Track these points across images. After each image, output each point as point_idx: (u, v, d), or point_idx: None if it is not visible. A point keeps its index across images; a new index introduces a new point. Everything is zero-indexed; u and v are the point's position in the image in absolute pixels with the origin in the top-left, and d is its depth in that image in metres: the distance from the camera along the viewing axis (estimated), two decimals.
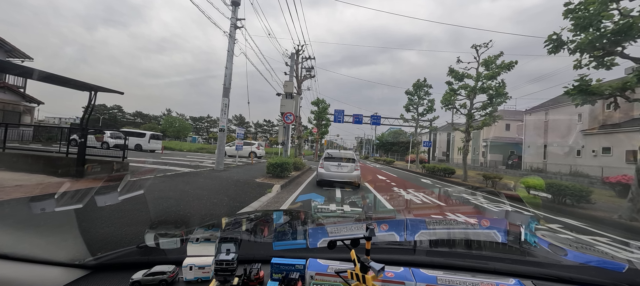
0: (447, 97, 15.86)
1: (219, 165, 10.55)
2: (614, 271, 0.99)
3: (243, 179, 8.46)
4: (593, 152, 20.73)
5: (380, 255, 1.04)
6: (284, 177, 9.40)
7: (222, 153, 10.75)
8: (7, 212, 3.61)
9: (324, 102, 29.84)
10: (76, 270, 0.98)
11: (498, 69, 13.95)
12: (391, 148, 56.82)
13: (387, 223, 1.47)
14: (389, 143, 58.19)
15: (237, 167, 12.69)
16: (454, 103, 15.89)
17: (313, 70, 20.43)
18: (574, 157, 22.35)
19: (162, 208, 4.23)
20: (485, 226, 1.40)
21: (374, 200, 6.95)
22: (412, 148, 28.53)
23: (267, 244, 1.26)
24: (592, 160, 20.48)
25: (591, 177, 17.64)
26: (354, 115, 32.09)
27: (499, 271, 1.01)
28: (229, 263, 0.93)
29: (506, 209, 2.74)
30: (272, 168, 9.30)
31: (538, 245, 1.31)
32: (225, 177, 8.50)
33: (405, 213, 1.83)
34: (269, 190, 6.95)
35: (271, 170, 9.33)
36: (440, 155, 49.46)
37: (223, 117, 10.70)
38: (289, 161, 10.08)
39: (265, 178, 9.03)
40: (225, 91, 10.78)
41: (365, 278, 0.74)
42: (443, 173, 16.32)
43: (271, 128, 76.75)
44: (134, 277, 0.91)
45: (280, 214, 2.15)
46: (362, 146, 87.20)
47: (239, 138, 13.95)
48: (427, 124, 26.58)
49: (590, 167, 19.76)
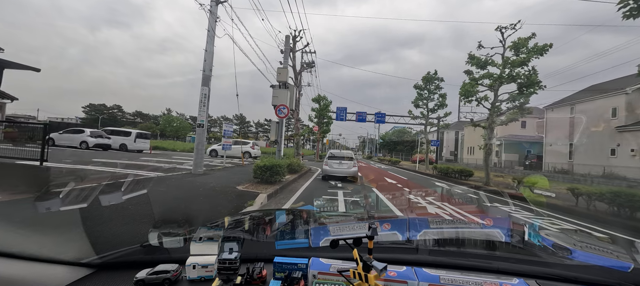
0: (467, 88, 14.08)
1: (196, 167, 9.20)
2: (619, 271, 1.03)
3: (220, 187, 7.12)
4: (632, 151, 18.71)
5: (383, 254, 1.08)
6: (275, 183, 8.12)
7: (201, 154, 9.55)
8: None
9: (325, 99, 29.25)
10: (81, 268, 1.03)
11: (530, 53, 12.24)
12: (395, 148, 57.05)
13: (390, 223, 1.53)
14: (393, 142, 58.37)
15: (223, 169, 11.25)
16: (475, 95, 14.09)
17: (314, 65, 19.53)
18: (607, 157, 20.48)
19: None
20: (488, 225, 1.47)
21: (376, 199, 7.06)
22: (420, 147, 28.10)
23: (270, 243, 1.32)
24: (630, 161, 18.53)
25: (630, 180, 16.40)
26: (358, 113, 31.40)
27: (503, 271, 1.05)
28: (232, 262, 0.97)
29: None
30: (260, 172, 8.08)
31: (542, 244, 1.35)
32: (198, 184, 7.17)
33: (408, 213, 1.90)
34: (251, 203, 5.69)
35: (259, 174, 8.10)
36: (448, 154, 48.47)
37: (202, 110, 9.29)
38: (281, 163, 8.81)
39: (250, 184, 7.76)
40: (204, 79, 9.27)
41: (367, 277, 0.77)
42: (459, 175, 15.03)
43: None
44: (137, 276, 0.95)
45: (283, 213, 2.22)
46: (365, 145, 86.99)
47: (227, 137, 12.62)
48: (439, 121, 25.06)
49: (628, 169, 17.93)
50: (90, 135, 17.86)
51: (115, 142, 19.00)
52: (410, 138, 52.44)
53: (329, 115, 30.56)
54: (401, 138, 56.56)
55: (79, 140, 17.61)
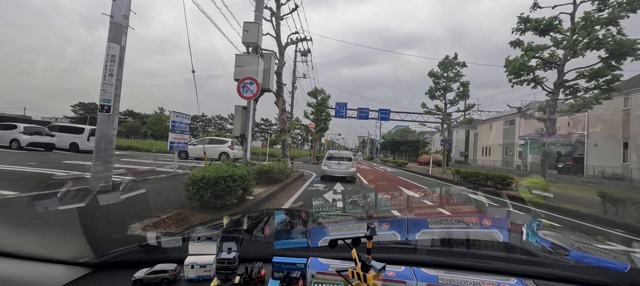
0: (520, 61, 10.27)
1: (96, 180, 5.51)
2: (616, 271, 1.04)
3: (94, 224, 3.68)
4: None
5: (382, 254, 1.09)
6: (229, 206, 4.78)
7: (104, 156, 5.68)
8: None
9: (323, 93, 26.40)
10: (79, 268, 1.04)
11: (622, 6, 8.76)
12: (398, 148, 54.22)
13: (389, 222, 1.54)
14: (395, 142, 55.49)
15: (161, 179, 7.72)
16: (532, 71, 10.38)
17: (309, 53, 17.60)
18: None
19: None
20: (486, 225, 1.49)
21: (374, 199, 6.92)
22: (425, 147, 27.18)
23: (269, 243, 1.32)
24: None
25: None
26: (359, 109, 29.10)
27: (501, 271, 1.06)
28: (231, 262, 0.98)
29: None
30: (196, 191, 4.55)
31: (540, 244, 1.36)
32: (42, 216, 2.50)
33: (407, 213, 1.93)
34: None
35: (194, 193, 4.57)
36: (457, 155, 43.65)
37: (108, 83, 5.61)
38: (238, 172, 5.08)
39: (174, 213, 4.33)
40: (113, 30, 5.68)
41: (366, 277, 0.78)
42: (495, 183, 11.00)
43: (269, 127, 76.94)
44: (136, 275, 0.96)
45: (282, 213, 2.23)
46: (364, 146, 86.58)
47: (178, 132, 9.07)
48: (457, 115, 21.54)
49: None
50: (25, 131, 14.80)
51: (63, 141, 16.02)
52: (415, 138, 51.02)
53: (327, 111, 27.82)
54: (404, 138, 53.93)
55: (8, 138, 14.71)
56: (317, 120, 27.05)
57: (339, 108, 28.78)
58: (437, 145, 46.64)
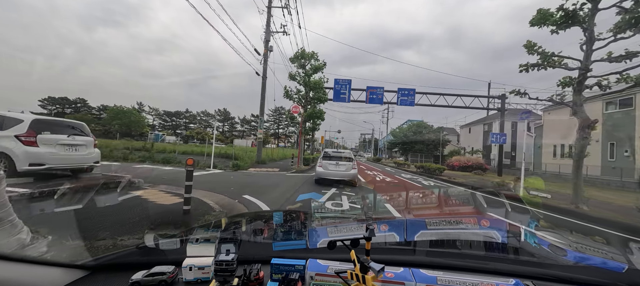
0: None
1: None
2: (614, 272, 1.06)
3: None
4: None
5: (380, 255, 1.11)
6: None
7: None
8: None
9: (315, 57, 17.39)
10: (76, 270, 1.04)
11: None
12: (413, 148, 40.13)
13: (387, 224, 1.55)
14: (408, 141, 41.09)
15: None
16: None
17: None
18: None
19: None
20: (485, 226, 1.52)
21: (373, 200, 6.95)
22: (446, 146, 19.45)
23: (267, 245, 1.34)
24: None
25: None
26: (369, 89, 19.78)
27: (499, 272, 1.08)
28: (229, 264, 0.99)
29: None
30: None
31: (538, 245, 1.39)
32: None
33: (405, 213, 1.95)
34: None
35: None
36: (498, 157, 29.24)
37: None
38: None
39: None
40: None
41: (365, 279, 0.79)
42: None
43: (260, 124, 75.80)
44: (133, 278, 0.96)
45: (280, 215, 2.24)
46: (365, 145, 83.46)
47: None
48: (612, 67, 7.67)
49: None
50: None
51: None
52: (433, 135, 38.32)
53: (322, 90, 17.88)
54: (419, 134, 39.94)
55: None
56: (305, 101, 17.79)
57: (339, 87, 20.02)
58: (462, 143, 41.00)
